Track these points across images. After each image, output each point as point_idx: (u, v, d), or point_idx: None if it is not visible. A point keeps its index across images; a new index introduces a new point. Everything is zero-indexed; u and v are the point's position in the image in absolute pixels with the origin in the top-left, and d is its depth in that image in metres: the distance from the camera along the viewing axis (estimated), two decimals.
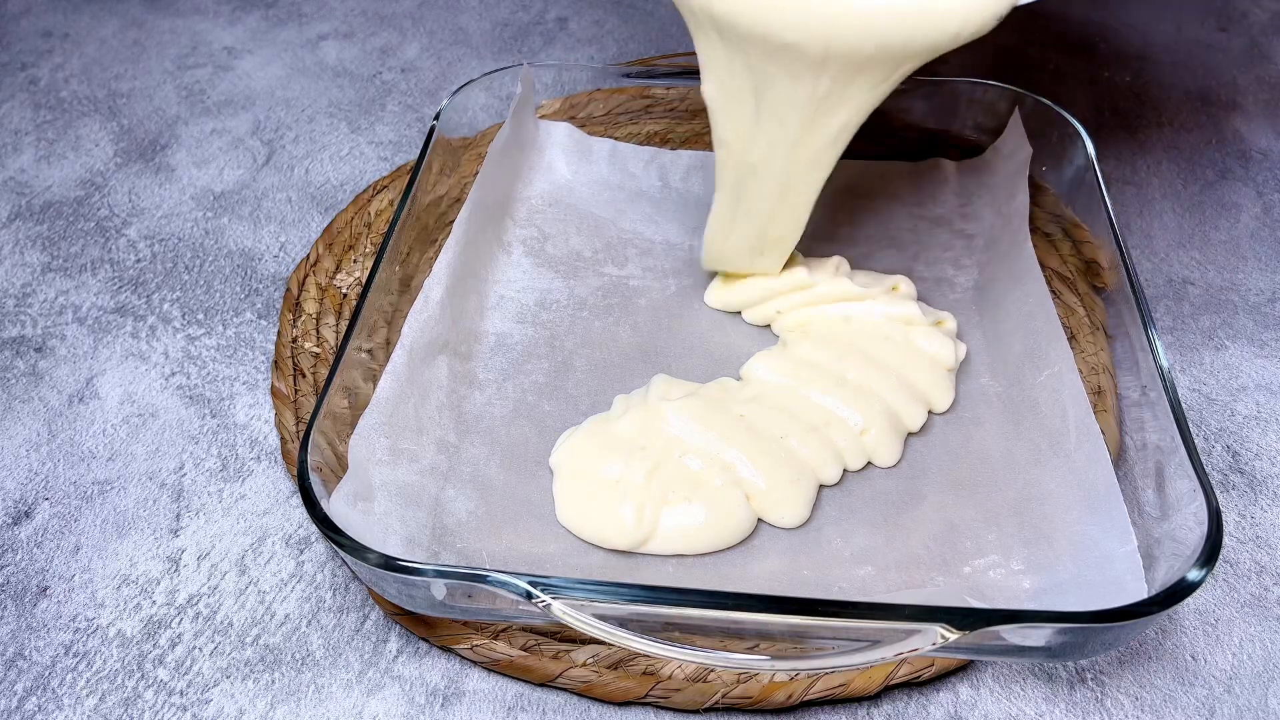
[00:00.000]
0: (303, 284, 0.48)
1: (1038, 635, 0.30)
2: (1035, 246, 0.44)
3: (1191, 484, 0.31)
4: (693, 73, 0.51)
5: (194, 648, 0.36)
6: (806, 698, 0.33)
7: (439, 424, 0.39)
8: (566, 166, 0.52)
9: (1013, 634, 0.30)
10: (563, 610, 0.29)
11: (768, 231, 0.41)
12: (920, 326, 0.42)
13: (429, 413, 0.39)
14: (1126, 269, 0.39)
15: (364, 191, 0.53)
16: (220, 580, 0.38)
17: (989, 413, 0.41)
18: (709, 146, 0.54)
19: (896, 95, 0.50)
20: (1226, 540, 0.39)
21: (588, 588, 0.29)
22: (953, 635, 0.28)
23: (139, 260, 0.51)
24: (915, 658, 0.33)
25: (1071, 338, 0.43)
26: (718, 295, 0.45)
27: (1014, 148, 0.48)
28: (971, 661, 0.35)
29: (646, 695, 0.34)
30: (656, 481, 0.37)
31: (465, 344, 0.43)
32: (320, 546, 0.39)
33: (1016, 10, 0.34)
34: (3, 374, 0.46)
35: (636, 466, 0.37)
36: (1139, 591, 0.31)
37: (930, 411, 0.41)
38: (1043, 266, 0.43)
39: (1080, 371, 0.39)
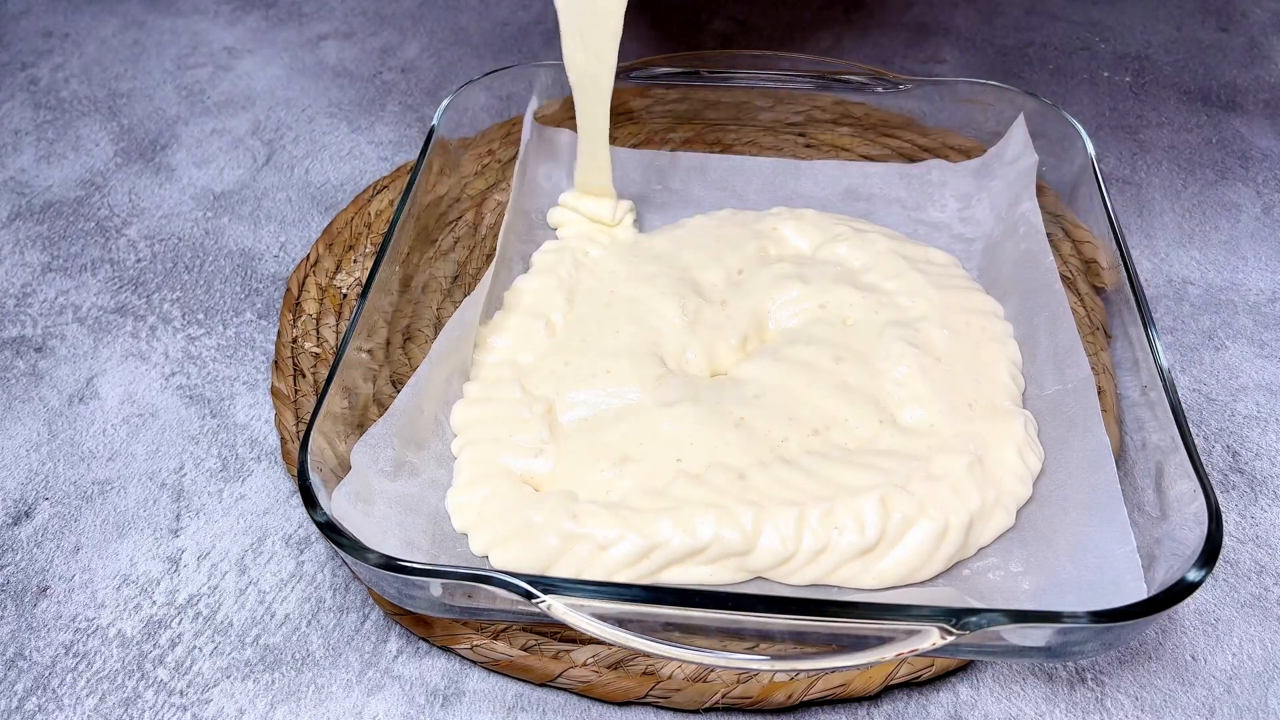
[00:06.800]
0: (303, 284, 0.48)
1: (1038, 635, 0.30)
2: None
3: (1191, 484, 0.31)
4: (692, 73, 0.51)
5: (194, 648, 0.36)
6: (806, 698, 0.33)
7: (441, 440, 0.39)
8: (568, 179, 0.52)
9: (1013, 634, 0.30)
10: (563, 610, 0.29)
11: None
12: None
13: (434, 428, 0.39)
14: (1126, 269, 0.39)
15: (364, 191, 0.53)
16: (220, 580, 0.38)
17: None
18: (708, 147, 0.54)
19: (896, 95, 0.50)
20: (1226, 540, 0.39)
21: (588, 588, 0.29)
22: (953, 635, 0.28)
23: (139, 260, 0.51)
24: (915, 658, 0.33)
25: None
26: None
27: (1017, 153, 0.48)
28: (971, 661, 0.35)
29: (646, 695, 0.34)
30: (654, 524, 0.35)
31: (470, 360, 0.43)
32: (320, 546, 0.39)
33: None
34: (3, 374, 0.46)
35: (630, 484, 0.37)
36: (1139, 592, 0.31)
37: None
38: None
39: None
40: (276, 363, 0.44)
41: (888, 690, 0.34)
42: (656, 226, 0.50)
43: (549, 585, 0.29)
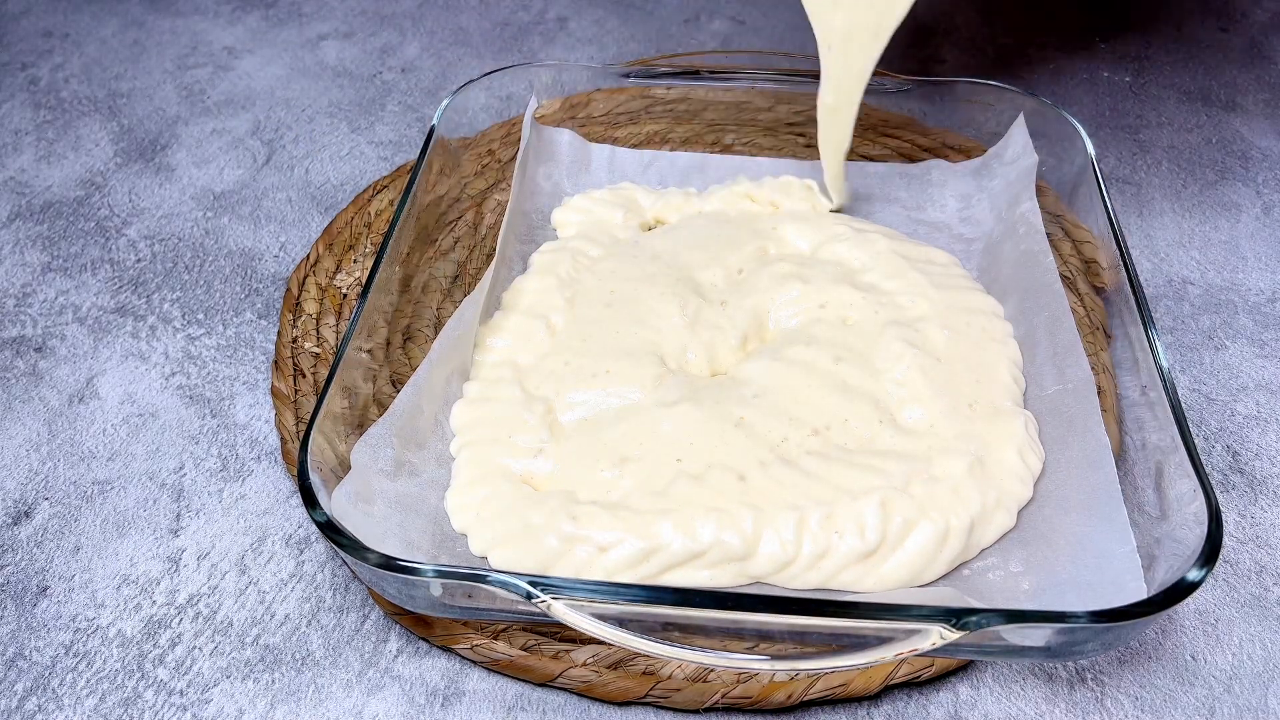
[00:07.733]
0: (303, 284, 0.48)
1: (1038, 635, 0.30)
2: None
3: (1191, 484, 0.31)
4: (692, 73, 0.51)
5: (194, 648, 0.36)
6: (806, 698, 0.33)
7: (441, 439, 0.39)
8: (568, 179, 0.52)
9: (1013, 634, 0.30)
10: (563, 610, 0.29)
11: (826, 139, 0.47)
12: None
13: (434, 428, 0.39)
14: (1126, 269, 0.39)
15: (364, 191, 0.53)
16: (220, 580, 0.38)
17: None
18: (708, 147, 0.54)
19: (896, 95, 0.50)
20: (1226, 540, 0.39)
21: (588, 588, 0.29)
22: (953, 635, 0.28)
23: (139, 260, 0.51)
24: (915, 658, 0.33)
25: None
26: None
27: (1017, 153, 0.48)
28: (971, 661, 0.35)
29: (646, 695, 0.34)
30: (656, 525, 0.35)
31: (470, 360, 0.43)
32: (320, 546, 0.39)
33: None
34: (3, 374, 0.46)
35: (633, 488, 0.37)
36: (1138, 591, 0.31)
37: None
38: None
39: None
40: (276, 363, 0.44)
41: (888, 690, 0.34)
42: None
43: (549, 585, 0.29)
